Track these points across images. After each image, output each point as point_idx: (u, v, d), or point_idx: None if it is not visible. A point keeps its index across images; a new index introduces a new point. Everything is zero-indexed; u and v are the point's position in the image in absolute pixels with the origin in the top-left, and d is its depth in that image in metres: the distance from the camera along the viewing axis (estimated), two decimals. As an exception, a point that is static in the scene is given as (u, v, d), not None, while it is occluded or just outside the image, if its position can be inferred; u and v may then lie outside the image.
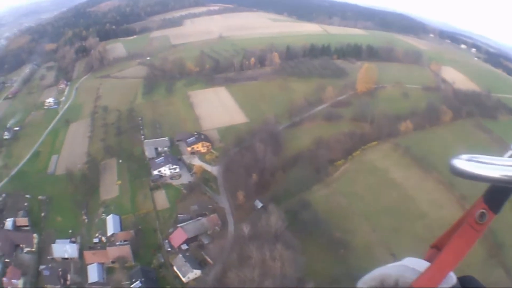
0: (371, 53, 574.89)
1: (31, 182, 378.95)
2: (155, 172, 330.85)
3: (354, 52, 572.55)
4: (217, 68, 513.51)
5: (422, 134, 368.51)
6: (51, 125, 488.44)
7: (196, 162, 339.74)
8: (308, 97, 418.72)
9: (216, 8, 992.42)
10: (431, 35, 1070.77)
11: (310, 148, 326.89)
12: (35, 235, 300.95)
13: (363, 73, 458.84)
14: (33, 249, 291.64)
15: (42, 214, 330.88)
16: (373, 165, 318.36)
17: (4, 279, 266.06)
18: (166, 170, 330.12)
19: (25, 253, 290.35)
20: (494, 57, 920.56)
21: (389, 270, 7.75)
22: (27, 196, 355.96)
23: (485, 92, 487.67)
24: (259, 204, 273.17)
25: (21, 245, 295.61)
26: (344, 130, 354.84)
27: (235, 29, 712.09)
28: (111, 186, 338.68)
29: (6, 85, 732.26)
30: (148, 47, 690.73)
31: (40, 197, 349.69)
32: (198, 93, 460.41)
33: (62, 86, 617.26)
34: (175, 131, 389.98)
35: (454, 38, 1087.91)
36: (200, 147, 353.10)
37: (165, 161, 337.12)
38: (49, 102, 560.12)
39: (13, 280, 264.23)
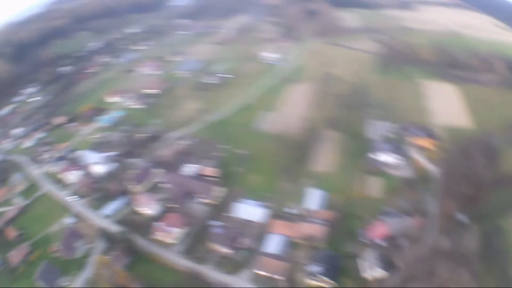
0: None
1: (231, 134, 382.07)
2: (375, 157, 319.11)
3: None
4: (450, 63, 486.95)
5: None
6: (267, 80, 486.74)
7: (418, 157, 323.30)
8: None
9: (447, 0, 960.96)
10: None
11: None
12: (218, 188, 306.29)
13: None
14: (209, 201, 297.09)
15: (238, 169, 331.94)
16: None
17: (161, 223, 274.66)
18: (387, 157, 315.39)
19: (198, 203, 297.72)
20: None
21: None
22: (224, 147, 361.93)
23: None
24: (461, 218, 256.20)
25: (196, 194, 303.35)
26: None
27: (465, 27, 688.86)
28: (324, 159, 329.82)
29: (216, 30, 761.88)
30: (381, 24, 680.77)
31: (239, 151, 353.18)
32: (431, 85, 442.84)
33: (285, 43, 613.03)
34: (403, 119, 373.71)
35: None
36: (425, 142, 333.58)
37: (389, 148, 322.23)
38: (270, 57, 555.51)
39: (170, 228, 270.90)
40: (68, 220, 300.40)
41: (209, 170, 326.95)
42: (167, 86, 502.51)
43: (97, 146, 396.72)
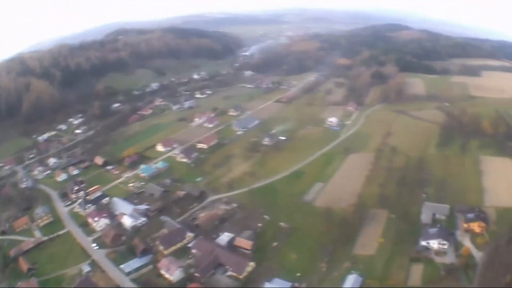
0: None
1: (276, 203, 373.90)
2: (423, 243, 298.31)
3: None
4: (510, 133, 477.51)
5: None
6: (327, 147, 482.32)
7: (467, 242, 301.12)
8: None
9: (508, 64, 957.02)
10: None
11: None
12: (251, 263, 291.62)
13: None
14: (240, 276, 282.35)
15: (275, 243, 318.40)
16: None
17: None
18: (435, 244, 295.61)
19: (227, 276, 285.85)
20: None
21: None
22: (266, 217, 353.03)
23: None
24: None
25: (225, 266, 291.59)
26: None
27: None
28: (370, 241, 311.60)
29: (281, 87, 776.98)
30: (447, 92, 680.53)
31: (282, 223, 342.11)
32: (490, 160, 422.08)
33: (351, 108, 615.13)
34: (457, 199, 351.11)
35: None
36: (476, 226, 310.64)
37: (437, 233, 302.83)
38: (331, 122, 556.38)
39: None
40: (85, 267, 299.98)
41: (244, 242, 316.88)
42: (219, 143, 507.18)
43: (132, 196, 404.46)
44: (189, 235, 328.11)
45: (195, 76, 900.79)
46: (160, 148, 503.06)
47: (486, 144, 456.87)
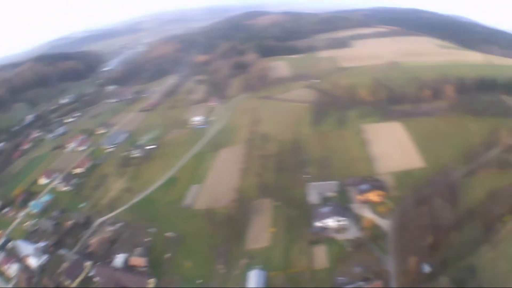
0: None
1: (159, 214, 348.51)
2: (318, 223, 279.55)
3: None
4: (392, 98, 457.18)
5: None
6: (196, 147, 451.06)
7: (367, 214, 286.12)
8: (483, 139, 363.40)
9: (384, 30, 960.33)
10: None
11: (482, 202, 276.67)
12: (152, 280, 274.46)
13: None
14: None
15: (167, 255, 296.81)
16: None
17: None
18: (331, 222, 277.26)
19: None
20: None
21: None
22: (151, 230, 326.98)
23: None
24: (426, 268, 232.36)
25: None
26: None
27: (406, 55, 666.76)
28: (261, 233, 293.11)
29: (143, 95, 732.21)
30: (314, 68, 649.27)
31: (168, 233, 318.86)
32: (373, 127, 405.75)
33: (214, 103, 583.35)
34: (345, 173, 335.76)
35: None
36: (373, 196, 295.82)
37: (331, 211, 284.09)
38: (195, 121, 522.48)
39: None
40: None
41: (138, 260, 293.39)
42: (93, 164, 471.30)
43: (30, 235, 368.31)
44: (87, 264, 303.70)
45: (64, 101, 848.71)
46: (43, 180, 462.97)
47: (366, 112, 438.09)
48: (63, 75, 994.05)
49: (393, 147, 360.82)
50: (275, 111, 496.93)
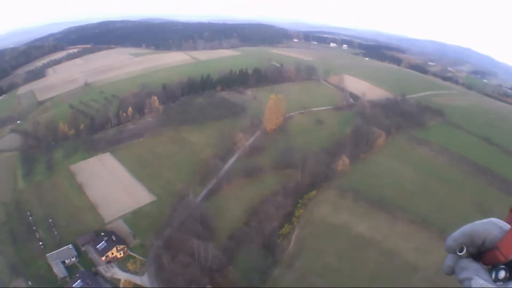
0: (259, 78, 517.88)
1: None
2: None
3: (240, 79, 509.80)
4: (93, 126, 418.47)
5: (361, 167, 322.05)
6: None
7: (120, 275, 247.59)
8: (213, 149, 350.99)
9: (75, 50, 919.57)
10: (296, 40, 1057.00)
11: (245, 221, 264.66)
12: None
13: (272, 107, 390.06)
14: None
15: None
16: (329, 224, 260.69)
17: None
18: None
19: None
20: (373, 50, 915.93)
21: (477, 227, 8.19)
22: None
23: (400, 96, 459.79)
24: None
25: None
26: (273, 186, 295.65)
27: (99, 72, 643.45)
28: None
29: None
30: (17, 108, 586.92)
31: None
32: (81, 166, 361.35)
33: None
34: (74, 231, 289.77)
35: (319, 38, 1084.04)
36: (115, 252, 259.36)
37: (84, 285, 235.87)
38: None
39: None
40: None
41: None
42: None
43: None
44: None
45: None
46: None
47: (71, 149, 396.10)
48: None
49: (111, 186, 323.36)
50: None
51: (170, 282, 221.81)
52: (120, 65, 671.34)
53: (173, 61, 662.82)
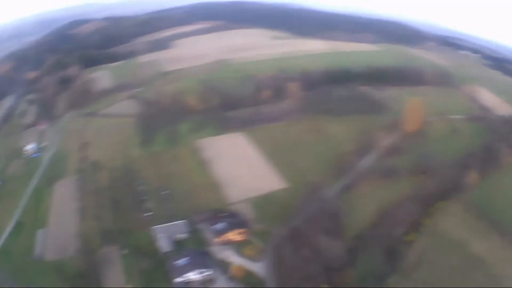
0: (399, 77, 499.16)
1: (14, 269, 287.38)
2: (179, 279, 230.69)
3: (381, 76, 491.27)
4: (226, 103, 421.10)
5: (488, 184, 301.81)
6: (34, 182, 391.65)
7: (233, 258, 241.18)
8: (351, 144, 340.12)
9: (207, 26, 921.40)
10: (430, 42, 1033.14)
11: (373, 222, 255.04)
12: None
13: (412, 110, 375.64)
14: None
15: None
16: (450, 238, 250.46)
17: None
18: (194, 275, 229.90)
19: None
20: (498, 63, 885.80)
21: None
22: None
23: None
24: None
25: None
26: (406, 190, 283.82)
27: (234, 50, 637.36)
28: None
29: None
30: (136, 76, 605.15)
31: None
32: (211, 142, 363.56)
33: (43, 126, 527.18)
34: (191, 207, 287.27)
35: (452, 44, 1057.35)
36: (233, 235, 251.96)
37: (190, 263, 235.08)
38: (29, 149, 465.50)
39: None
40: None
41: None
42: None
43: None
44: None
45: None
46: None
47: (199, 124, 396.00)
48: None
49: (242, 167, 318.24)
50: (101, 131, 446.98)
51: (286, 275, 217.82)
52: (258, 46, 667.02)
53: (311, 48, 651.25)
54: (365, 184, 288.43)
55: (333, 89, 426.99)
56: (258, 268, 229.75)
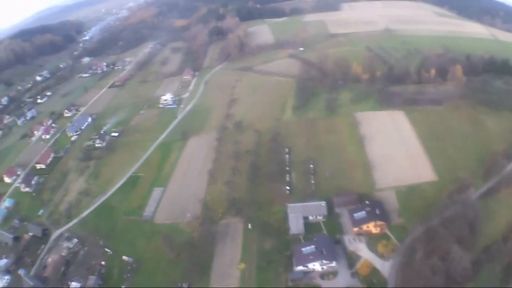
0: None
1: (116, 228, 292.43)
2: (299, 267, 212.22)
3: None
4: (391, 76, 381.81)
5: None
6: (163, 135, 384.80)
7: (363, 252, 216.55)
8: (505, 142, 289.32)
9: None
10: None
11: (503, 234, 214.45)
12: None
13: None
14: None
15: (123, 286, 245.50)
16: None
17: None
18: (315, 265, 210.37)
19: None
20: None
21: None
22: (108, 250, 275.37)
23: None
24: None
25: None
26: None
27: (401, 22, 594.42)
28: (228, 270, 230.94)
29: (116, 67, 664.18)
30: (301, 34, 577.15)
31: (124, 257, 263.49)
32: (369, 116, 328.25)
33: (188, 77, 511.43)
34: (337, 185, 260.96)
35: None
36: (372, 226, 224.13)
37: (316, 252, 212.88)
38: (166, 100, 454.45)
39: None
40: None
41: None
42: (55, 157, 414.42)
43: None
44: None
45: (38, 78, 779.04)
46: (6, 179, 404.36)
47: (362, 95, 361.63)
48: (41, 49, 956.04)
49: (395, 148, 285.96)
50: (254, 88, 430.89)
51: (409, 282, 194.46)
52: (423, 21, 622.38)
53: (473, 31, 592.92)
54: (506, 192, 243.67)
55: (493, 79, 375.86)
56: (385, 267, 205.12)
